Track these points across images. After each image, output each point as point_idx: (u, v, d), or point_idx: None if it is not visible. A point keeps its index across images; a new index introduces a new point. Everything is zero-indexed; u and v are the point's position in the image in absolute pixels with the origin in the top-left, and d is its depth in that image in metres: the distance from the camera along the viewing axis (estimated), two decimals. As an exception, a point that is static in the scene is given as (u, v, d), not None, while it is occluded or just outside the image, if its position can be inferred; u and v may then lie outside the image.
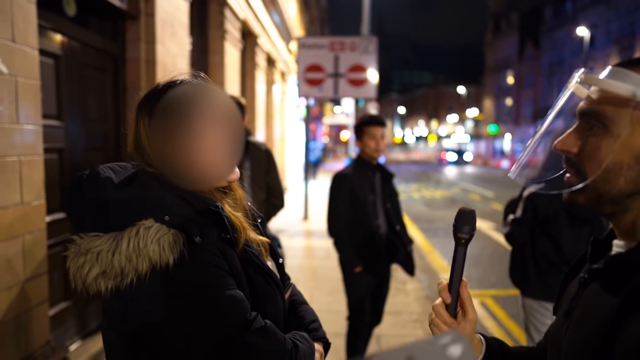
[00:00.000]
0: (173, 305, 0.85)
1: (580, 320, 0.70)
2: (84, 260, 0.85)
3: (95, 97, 3.34)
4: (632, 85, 0.64)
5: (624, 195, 0.67)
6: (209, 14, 5.78)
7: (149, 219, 0.87)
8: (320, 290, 4.76)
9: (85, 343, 3.10)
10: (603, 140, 0.67)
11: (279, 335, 0.94)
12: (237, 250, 0.95)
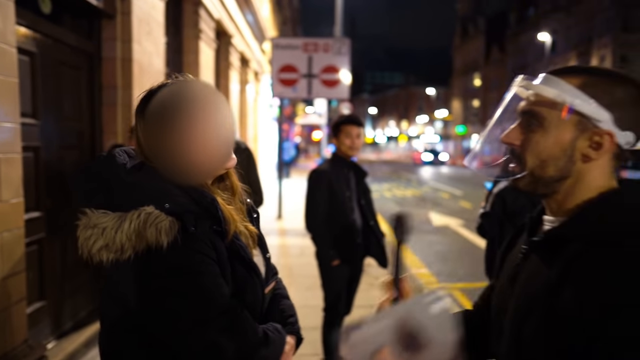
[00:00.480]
0: (160, 283, 0.95)
1: (524, 285, 0.82)
2: (91, 233, 0.96)
3: (70, 95, 3.32)
4: (560, 91, 0.77)
5: (554, 180, 0.81)
6: (183, 13, 5.77)
7: (150, 205, 0.96)
8: (297, 286, 4.85)
9: (61, 343, 3.09)
10: (539, 136, 0.80)
11: (252, 324, 1.03)
12: (226, 241, 1.04)
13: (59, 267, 3.20)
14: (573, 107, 0.76)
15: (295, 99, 16.09)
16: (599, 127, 0.77)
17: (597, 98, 0.76)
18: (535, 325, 0.75)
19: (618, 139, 0.77)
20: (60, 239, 3.18)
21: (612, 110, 0.76)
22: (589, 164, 0.79)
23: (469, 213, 10.59)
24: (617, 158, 0.80)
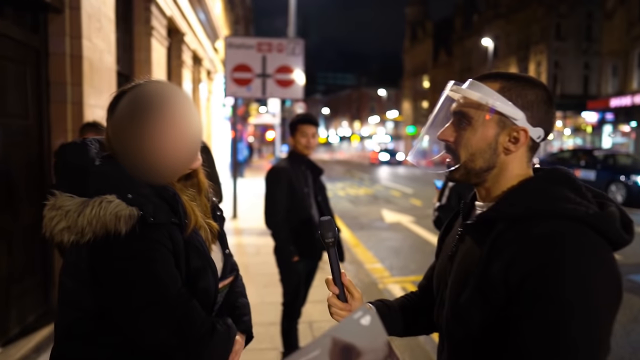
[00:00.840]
0: (115, 266, 1.01)
1: (460, 262, 0.96)
2: (55, 214, 1.01)
3: (14, 92, 3.19)
4: (483, 94, 0.91)
5: (482, 171, 0.95)
6: (134, 9, 5.63)
7: (112, 194, 1.01)
8: (254, 284, 4.89)
9: (8, 349, 2.97)
10: (469, 133, 0.93)
11: (200, 313, 1.07)
12: (185, 234, 1.09)
13: (5, 268, 3.07)
14: (494, 108, 0.90)
15: (249, 98, 16.00)
16: (516, 124, 0.91)
17: (513, 100, 0.91)
18: (470, 293, 0.88)
19: (531, 134, 0.92)
20: (5, 239, 3.05)
21: (525, 110, 0.91)
22: (510, 156, 0.93)
23: (419, 210, 11.02)
24: (531, 150, 0.95)
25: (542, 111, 0.93)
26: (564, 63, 29.98)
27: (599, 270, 0.79)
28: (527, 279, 0.79)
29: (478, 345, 0.88)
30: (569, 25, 29.74)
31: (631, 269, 5.93)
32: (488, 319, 0.85)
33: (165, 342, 1.02)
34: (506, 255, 0.83)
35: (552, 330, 0.76)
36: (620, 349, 3.65)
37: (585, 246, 0.80)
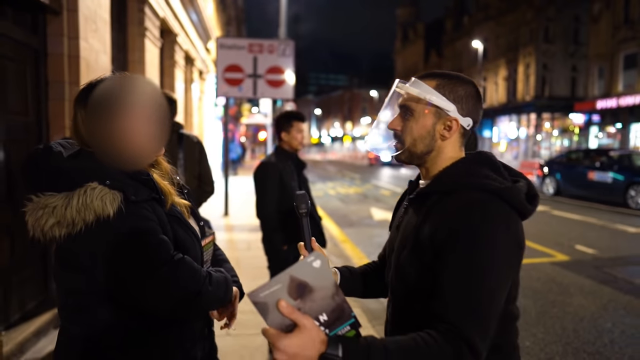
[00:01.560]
0: (113, 245, 1.08)
1: (403, 229, 1.17)
2: (42, 213, 1.06)
3: (15, 90, 3.34)
4: (422, 90, 1.11)
5: (423, 154, 1.15)
6: (128, 11, 5.79)
7: (94, 181, 1.08)
8: (244, 277, 5.02)
9: (10, 333, 3.12)
10: (412, 122, 1.14)
11: (195, 266, 1.17)
12: (165, 208, 1.20)
13: (7, 258, 3.22)
14: (431, 102, 1.11)
15: (240, 98, 16.12)
16: (449, 115, 1.12)
17: (446, 95, 1.11)
18: (406, 253, 1.09)
19: (462, 123, 1.13)
20: (6, 231, 3.21)
21: (456, 103, 1.12)
22: (445, 142, 1.14)
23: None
24: (462, 136, 1.16)
25: (471, 104, 1.13)
26: (552, 65, 30.47)
27: (501, 231, 1.00)
28: (447, 238, 1.00)
29: (413, 296, 1.09)
30: (557, 28, 30.24)
31: (606, 262, 6.20)
32: (420, 274, 1.05)
33: (174, 302, 1.13)
34: (434, 220, 1.05)
35: (463, 276, 0.98)
36: (587, 334, 3.90)
37: (492, 212, 1.01)
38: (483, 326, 0.96)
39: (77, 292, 1.14)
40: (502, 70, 34.12)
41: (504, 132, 34.47)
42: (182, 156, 2.92)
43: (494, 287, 0.98)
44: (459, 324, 0.94)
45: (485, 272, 0.97)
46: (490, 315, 0.97)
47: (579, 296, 4.83)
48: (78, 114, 1.14)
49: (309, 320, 0.88)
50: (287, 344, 0.85)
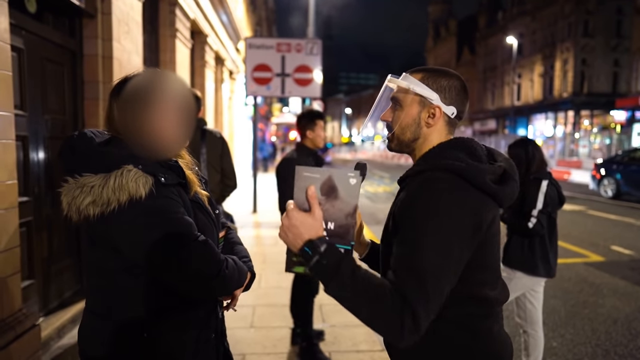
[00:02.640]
0: (143, 224, 1.14)
1: (392, 208, 1.24)
2: (80, 192, 1.13)
3: (54, 90, 3.54)
4: (408, 83, 1.21)
5: (410, 141, 1.24)
6: (160, 13, 5.99)
7: (129, 164, 1.15)
8: (270, 271, 5.17)
9: (49, 318, 3.32)
10: (400, 112, 1.24)
11: (215, 249, 1.23)
12: (189, 195, 1.29)
13: (46, 248, 3.43)
14: (415, 91, 1.21)
15: (269, 97, 16.32)
16: (432, 103, 1.20)
17: (430, 85, 1.21)
18: (385, 231, 1.21)
19: (445, 111, 1.21)
20: (47, 222, 3.41)
21: (439, 92, 1.20)
22: (431, 129, 1.22)
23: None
24: (449, 125, 1.24)
25: (454, 94, 1.22)
26: (592, 60, 29.27)
27: (453, 206, 1.07)
28: (403, 211, 1.11)
29: None
30: (597, 22, 29.03)
31: (644, 263, 5.94)
32: (393, 238, 1.14)
33: (194, 280, 1.19)
34: (400, 197, 1.17)
35: (410, 244, 1.06)
36: (619, 336, 3.76)
37: (446, 188, 1.09)
38: (425, 294, 1.01)
39: (105, 270, 1.22)
40: (537, 67, 33.04)
41: (540, 130, 33.37)
42: (204, 151, 3.02)
43: (438, 259, 1.03)
44: (403, 288, 1.02)
45: (430, 243, 1.03)
46: (433, 283, 1.02)
47: (613, 297, 4.66)
48: (113, 104, 1.22)
49: (320, 213, 1.07)
50: (294, 216, 1.06)
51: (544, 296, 4.61)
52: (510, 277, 2.84)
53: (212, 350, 1.36)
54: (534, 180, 2.82)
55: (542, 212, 2.75)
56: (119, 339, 1.21)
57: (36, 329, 2.68)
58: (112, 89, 1.25)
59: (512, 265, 2.86)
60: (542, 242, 2.82)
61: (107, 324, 1.23)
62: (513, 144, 2.99)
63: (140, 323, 1.21)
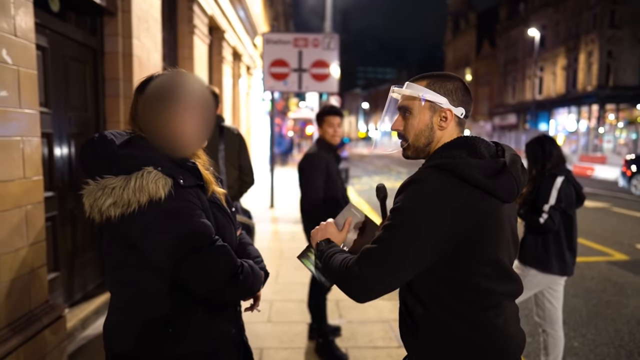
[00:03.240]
0: (161, 225, 1.17)
1: None
2: (101, 193, 1.16)
3: (76, 87, 3.62)
4: (416, 91, 1.27)
5: (424, 146, 1.29)
6: (178, 9, 6.05)
7: (149, 166, 1.18)
8: (287, 266, 5.20)
9: (73, 310, 3.42)
10: (412, 119, 1.29)
11: (233, 255, 1.26)
12: (207, 195, 1.31)
13: (70, 242, 3.52)
14: (424, 98, 1.26)
15: (286, 92, 16.34)
16: (442, 107, 1.26)
17: (437, 90, 1.26)
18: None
19: (455, 112, 1.27)
20: (70, 217, 3.50)
21: (447, 96, 1.26)
22: (443, 131, 1.28)
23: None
24: (459, 125, 1.29)
25: (460, 95, 1.27)
26: (618, 52, 28.39)
27: (431, 198, 1.14)
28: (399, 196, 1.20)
29: None
30: (624, 12, 28.10)
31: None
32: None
33: (208, 283, 1.21)
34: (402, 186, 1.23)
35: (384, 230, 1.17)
36: None
37: (430, 183, 1.15)
38: (374, 269, 1.15)
39: (125, 267, 1.24)
40: (560, 59, 32.25)
41: (562, 124, 32.62)
42: (222, 148, 3.04)
43: (398, 244, 1.14)
44: (361, 260, 1.19)
45: (397, 228, 1.15)
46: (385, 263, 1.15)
47: (637, 297, 4.55)
48: (138, 101, 1.25)
49: (344, 236, 1.43)
50: (330, 227, 1.42)
51: (565, 295, 4.54)
52: (524, 275, 2.81)
53: (233, 345, 1.38)
54: (549, 177, 2.79)
55: (554, 208, 2.71)
56: (144, 334, 1.24)
57: (62, 320, 2.76)
58: (137, 86, 1.28)
59: (526, 262, 2.83)
60: (557, 239, 2.78)
61: (132, 320, 1.25)
62: (530, 142, 2.96)
63: (166, 319, 1.24)
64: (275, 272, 5.03)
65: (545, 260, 2.77)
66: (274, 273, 4.97)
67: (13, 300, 2.39)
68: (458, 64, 50.71)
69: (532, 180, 2.86)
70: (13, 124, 2.38)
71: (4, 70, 2.30)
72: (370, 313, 3.85)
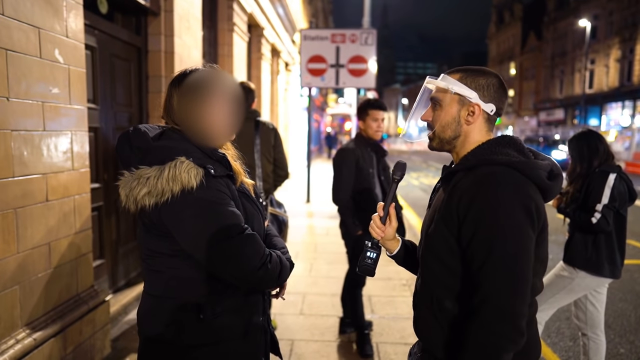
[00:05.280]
0: (194, 214, 1.21)
1: (433, 205, 1.31)
2: (137, 183, 1.21)
3: (122, 84, 3.80)
4: (447, 83, 1.27)
5: (451, 139, 1.29)
6: (218, 8, 6.20)
7: (182, 156, 1.22)
8: (321, 260, 5.25)
9: (117, 296, 3.61)
10: (440, 111, 1.29)
11: (262, 243, 1.29)
12: (236, 185, 1.35)
13: (114, 232, 3.71)
14: (454, 90, 1.26)
15: (323, 88, 16.37)
16: (471, 101, 1.26)
17: (468, 84, 1.26)
18: (434, 224, 1.24)
19: (484, 108, 1.26)
20: (115, 208, 3.69)
21: (477, 90, 1.25)
22: (470, 126, 1.27)
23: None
24: (488, 122, 1.28)
25: (492, 91, 1.26)
26: (680, 43, 26.45)
27: (513, 199, 1.12)
28: (469, 208, 1.15)
29: (441, 261, 1.23)
30: (687, -1, 26.15)
31: None
32: (447, 241, 1.21)
33: (237, 271, 1.24)
34: (459, 192, 1.19)
35: (485, 244, 1.13)
36: (697, 345, 3.44)
37: (507, 181, 1.14)
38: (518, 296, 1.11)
39: (159, 254, 1.30)
40: (614, 51, 30.43)
41: (615, 120, 30.83)
42: (258, 142, 3.11)
43: (508, 246, 1.11)
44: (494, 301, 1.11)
45: (496, 234, 1.11)
46: (520, 278, 1.11)
47: (691, 304, 4.26)
48: (173, 94, 1.31)
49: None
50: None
51: (612, 299, 4.32)
52: (573, 277, 2.69)
53: (260, 332, 1.42)
54: (600, 173, 2.62)
55: (607, 208, 2.57)
56: (175, 319, 1.30)
57: (106, 304, 2.92)
58: (172, 80, 1.34)
59: (575, 263, 2.69)
60: (609, 240, 2.64)
61: (163, 306, 1.31)
62: (574, 137, 2.80)
63: (196, 305, 1.29)
64: (309, 265, 5.09)
65: (596, 262, 2.63)
66: (307, 266, 5.03)
67: (62, 283, 2.56)
68: (502, 57, 48.94)
69: (579, 178, 2.73)
70: (63, 119, 2.54)
71: (55, 69, 2.45)
72: (402, 309, 3.83)
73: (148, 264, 1.34)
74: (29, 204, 2.28)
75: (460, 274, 1.19)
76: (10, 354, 2.10)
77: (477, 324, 1.10)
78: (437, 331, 1.24)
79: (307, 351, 3.16)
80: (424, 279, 1.30)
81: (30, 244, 2.31)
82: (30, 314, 2.32)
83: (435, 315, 1.24)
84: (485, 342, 1.08)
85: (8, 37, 2.11)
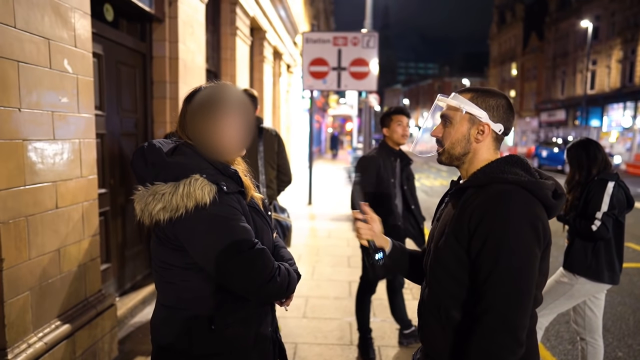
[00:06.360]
0: (207, 229, 1.25)
1: (442, 220, 1.35)
2: (152, 199, 1.25)
3: (127, 90, 3.86)
4: (459, 102, 1.33)
5: (461, 155, 1.34)
6: (221, 12, 6.25)
7: (196, 173, 1.26)
8: (323, 264, 5.30)
9: (123, 299, 3.66)
10: (451, 129, 1.35)
11: (271, 257, 1.34)
12: (246, 200, 1.39)
13: (120, 236, 3.77)
14: (465, 110, 1.32)
15: (325, 90, 16.44)
16: (481, 121, 1.31)
17: (479, 104, 1.32)
18: (445, 238, 1.28)
19: (493, 128, 1.32)
20: (121, 212, 3.75)
21: (487, 111, 1.32)
22: (479, 144, 1.33)
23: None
24: (496, 141, 1.34)
25: (501, 112, 1.33)
26: (681, 43, 26.42)
27: (522, 217, 1.18)
28: (480, 222, 1.20)
29: (448, 276, 1.28)
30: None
31: None
32: (456, 255, 1.25)
33: (247, 284, 1.28)
34: (470, 208, 1.24)
35: (492, 255, 1.18)
36: (695, 348, 3.48)
37: (517, 200, 1.20)
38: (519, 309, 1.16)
39: (172, 267, 1.33)
40: (616, 52, 30.42)
41: (616, 121, 30.80)
42: (262, 148, 3.17)
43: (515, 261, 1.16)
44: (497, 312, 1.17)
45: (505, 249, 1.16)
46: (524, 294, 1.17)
47: (690, 307, 4.30)
48: (187, 111, 1.36)
49: None
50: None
51: (611, 302, 4.36)
52: (573, 283, 2.73)
53: (269, 343, 1.47)
54: (599, 181, 2.68)
55: (607, 215, 2.62)
56: (187, 330, 1.34)
57: (113, 308, 2.98)
58: (185, 97, 1.40)
59: (575, 270, 2.73)
60: (608, 247, 2.69)
61: (176, 317, 1.36)
62: (572, 146, 2.85)
63: (208, 317, 1.33)
64: (311, 268, 5.14)
65: (596, 268, 2.68)
66: (310, 269, 5.08)
67: (71, 288, 2.62)
68: (504, 58, 48.92)
69: (577, 186, 2.78)
70: (72, 127, 2.60)
71: (64, 79, 2.51)
72: (404, 313, 3.88)
73: (161, 275, 1.38)
74: (39, 211, 2.34)
75: (468, 285, 1.24)
76: (22, 357, 2.16)
77: (479, 333, 1.15)
78: (443, 340, 1.28)
79: (310, 354, 3.21)
80: (432, 289, 1.34)
81: (41, 251, 2.36)
82: (41, 319, 2.37)
83: (442, 324, 1.29)
84: (486, 351, 1.14)
85: (20, 49, 2.16)
